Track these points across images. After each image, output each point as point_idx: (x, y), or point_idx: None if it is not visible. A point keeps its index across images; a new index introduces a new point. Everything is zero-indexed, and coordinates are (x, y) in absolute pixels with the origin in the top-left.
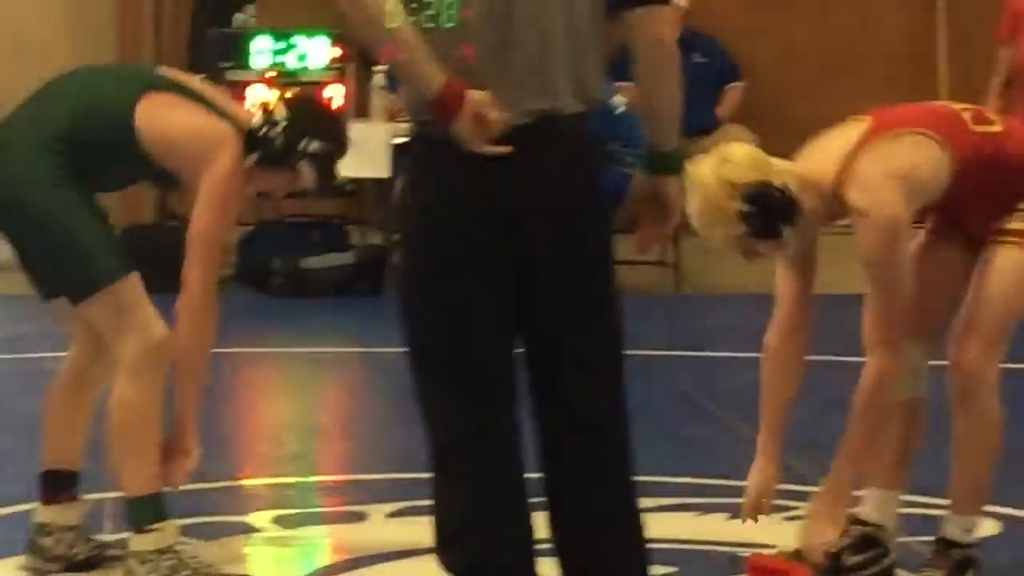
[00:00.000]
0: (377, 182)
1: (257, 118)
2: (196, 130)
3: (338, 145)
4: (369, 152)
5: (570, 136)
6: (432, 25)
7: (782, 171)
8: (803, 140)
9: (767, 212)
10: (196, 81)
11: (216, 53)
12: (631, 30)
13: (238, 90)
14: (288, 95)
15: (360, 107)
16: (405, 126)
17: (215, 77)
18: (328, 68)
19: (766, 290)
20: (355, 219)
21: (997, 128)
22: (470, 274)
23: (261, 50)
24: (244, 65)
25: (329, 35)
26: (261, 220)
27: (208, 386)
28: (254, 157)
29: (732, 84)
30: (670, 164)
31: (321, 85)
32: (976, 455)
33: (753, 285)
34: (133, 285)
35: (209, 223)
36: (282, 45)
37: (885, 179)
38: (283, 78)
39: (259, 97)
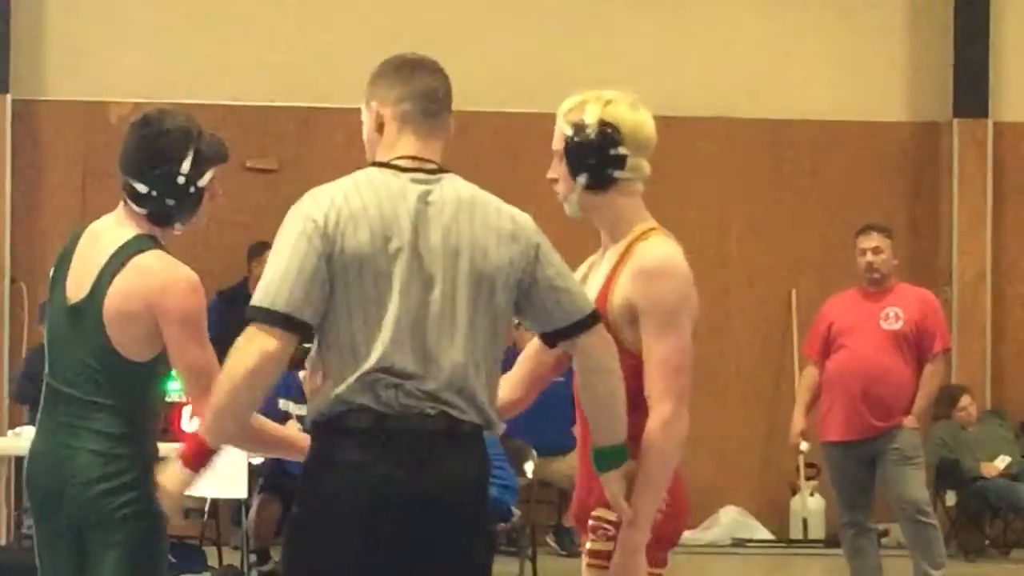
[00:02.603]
0: (234, 502)
1: None
2: None
3: None
4: (226, 472)
5: (469, 441)
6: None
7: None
8: None
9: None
10: None
11: None
12: (577, 356)
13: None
14: None
15: None
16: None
17: None
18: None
19: None
20: (212, 540)
21: None
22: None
23: None
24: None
25: None
26: None
27: None
28: None
29: None
30: (611, 460)
31: (180, 405)
32: None
33: None
34: None
35: None
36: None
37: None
38: None
39: None
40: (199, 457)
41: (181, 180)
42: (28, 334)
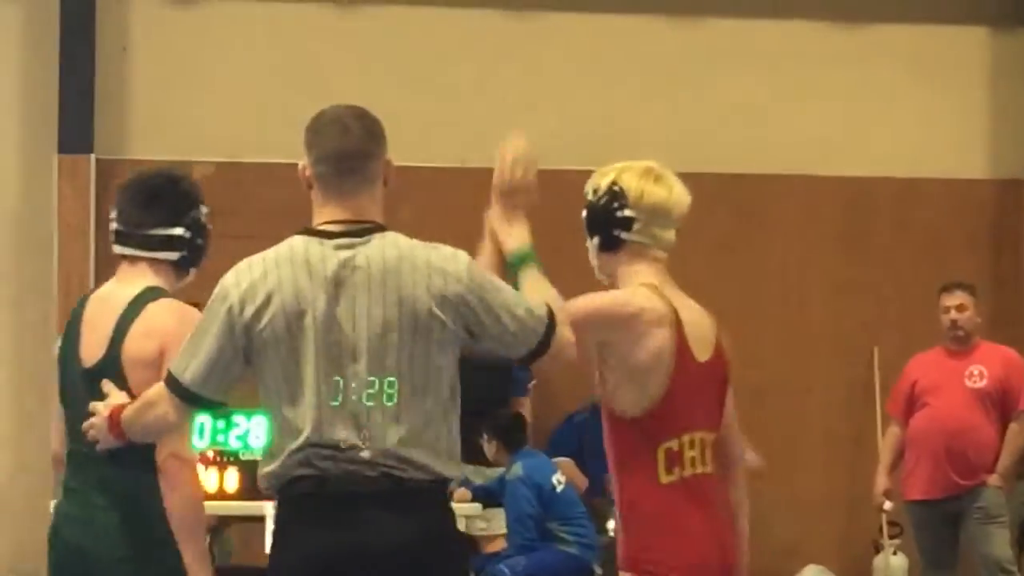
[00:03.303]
0: None
1: None
2: None
3: None
4: None
5: (415, 499)
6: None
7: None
8: None
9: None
10: None
11: None
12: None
13: None
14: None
15: None
16: None
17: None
18: None
19: None
20: None
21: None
22: None
23: (201, 429)
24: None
25: None
26: None
27: None
28: None
29: None
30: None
31: (256, 464)
32: None
33: None
34: None
35: None
36: (222, 424)
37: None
38: (224, 456)
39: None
40: (117, 430)
41: (203, 221)
42: None
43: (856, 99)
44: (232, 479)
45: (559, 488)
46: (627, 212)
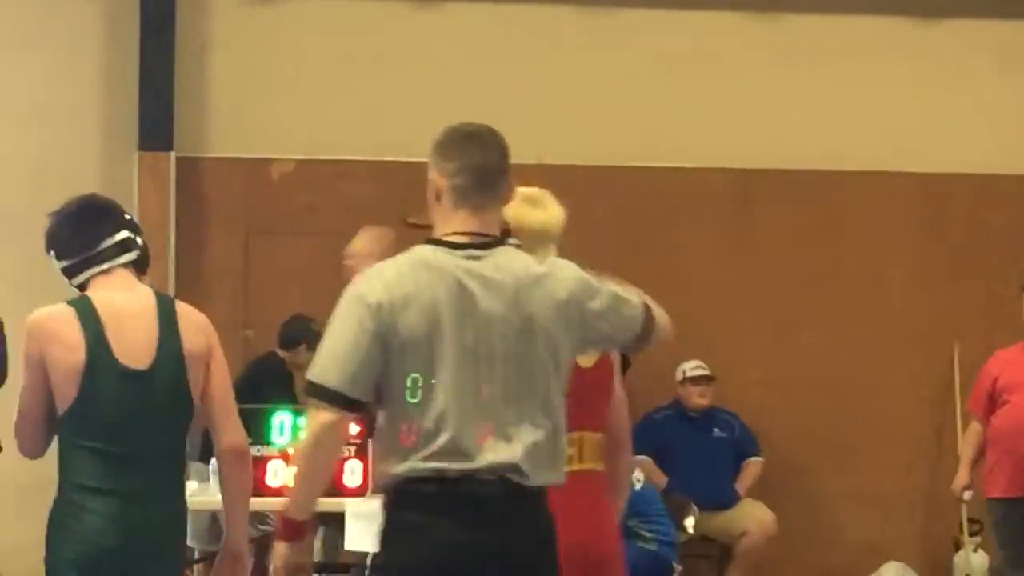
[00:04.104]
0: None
1: None
2: None
3: None
4: (376, 528)
5: (531, 499)
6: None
7: None
8: (819, 515)
9: None
10: None
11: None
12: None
13: (259, 465)
14: None
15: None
16: None
17: None
18: (348, 444)
19: None
20: None
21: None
22: None
23: (282, 426)
24: (265, 440)
25: None
26: None
27: None
28: None
29: (751, 459)
30: None
31: (341, 462)
32: None
33: None
34: None
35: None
36: (302, 421)
37: None
38: None
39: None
40: (289, 530)
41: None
42: None
43: (933, 95)
44: None
45: (638, 486)
46: (510, 240)
